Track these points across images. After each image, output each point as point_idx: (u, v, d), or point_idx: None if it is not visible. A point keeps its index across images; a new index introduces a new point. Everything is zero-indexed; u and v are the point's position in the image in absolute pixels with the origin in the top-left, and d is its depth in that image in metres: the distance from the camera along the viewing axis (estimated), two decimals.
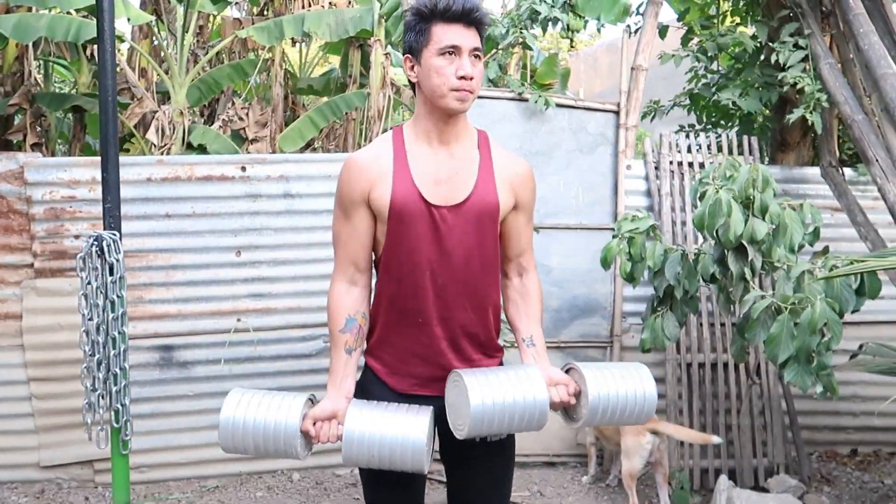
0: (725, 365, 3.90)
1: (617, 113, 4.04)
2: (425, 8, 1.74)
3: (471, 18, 1.74)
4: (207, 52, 5.77)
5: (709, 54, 4.22)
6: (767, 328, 2.78)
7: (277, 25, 5.17)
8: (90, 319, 2.16)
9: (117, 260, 2.15)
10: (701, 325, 3.92)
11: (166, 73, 5.50)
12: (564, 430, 4.10)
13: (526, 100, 3.93)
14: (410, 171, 1.80)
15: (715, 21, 4.65)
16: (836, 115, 4.27)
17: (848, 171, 4.21)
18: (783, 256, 3.02)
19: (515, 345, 1.96)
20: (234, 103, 5.98)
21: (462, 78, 1.72)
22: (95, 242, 2.14)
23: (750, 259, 2.97)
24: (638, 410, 1.82)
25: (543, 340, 1.97)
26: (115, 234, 2.18)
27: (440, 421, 1.89)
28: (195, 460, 3.79)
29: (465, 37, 1.73)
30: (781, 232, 2.95)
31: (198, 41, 6.11)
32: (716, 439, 3.31)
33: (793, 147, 4.65)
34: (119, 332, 2.16)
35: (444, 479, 2.09)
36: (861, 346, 3.55)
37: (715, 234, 2.96)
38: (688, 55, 4.27)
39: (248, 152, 5.74)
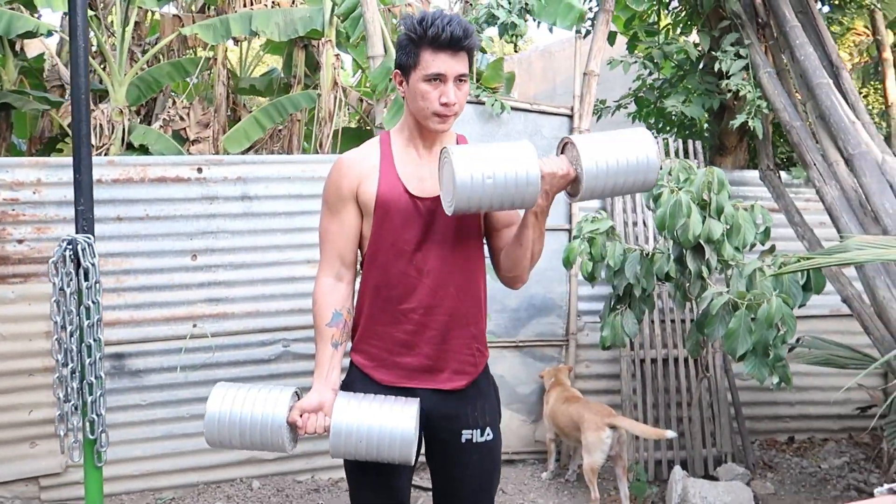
0: (676, 360, 4.06)
1: (571, 117, 4.15)
2: (414, 33, 1.79)
3: (459, 47, 1.77)
4: (146, 50, 5.57)
5: (655, 61, 4.38)
6: (726, 323, 2.92)
7: (224, 23, 5.05)
8: (63, 327, 2.06)
9: (93, 264, 2.07)
10: (652, 322, 4.06)
11: (103, 68, 5.28)
12: (523, 428, 4.18)
13: (483, 103, 3.98)
14: (396, 170, 1.88)
15: (657, 29, 4.83)
16: (772, 120, 4.53)
17: (783, 175, 4.46)
18: (734, 255, 3.18)
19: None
20: (174, 102, 5.80)
21: (445, 104, 1.78)
22: (69, 246, 2.06)
23: (706, 258, 3.11)
24: (642, 178, 1.72)
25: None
26: (89, 238, 2.10)
27: (426, 422, 1.92)
28: (149, 472, 3.66)
29: (452, 65, 1.77)
30: (735, 231, 3.10)
31: (134, 38, 5.89)
32: (670, 434, 3.44)
33: (730, 151, 4.89)
34: (94, 340, 2.08)
35: (430, 486, 2.10)
36: (798, 340, 3.77)
37: (674, 234, 3.08)
38: (636, 62, 4.42)
39: (191, 153, 5.59)
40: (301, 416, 1.80)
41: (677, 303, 3.39)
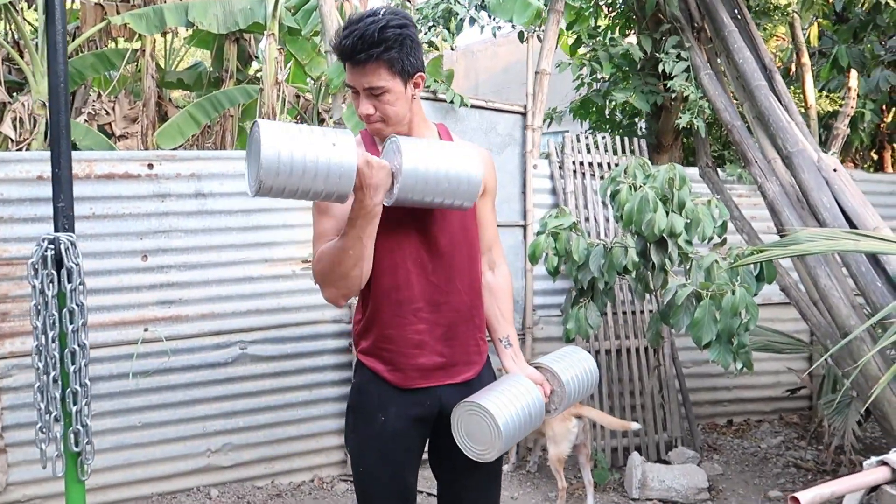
0: (628, 350, 4.20)
1: (524, 114, 4.21)
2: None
3: (355, 60, 1.70)
4: (73, 39, 5.24)
5: (601, 63, 4.52)
6: (691, 313, 3.05)
7: (157, 13, 4.82)
8: (43, 333, 1.92)
9: (76, 264, 1.93)
10: (605, 314, 4.19)
11: (23, 59, 4.92)
12: None
13: (441, 100, 3.99)
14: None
15: (600, 31, 4.98)
16: (706, 119, 4.75)
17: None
18: (690, 248, 3.33)
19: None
20: (100, 95, 5.47)
21: (363, 116, 1.76)
22: (50, 246, 1.92)
23: (669, 251, 3.24)
24: (591, 386, 2.03)
25: (517, 338, 2.06)
26: (71, 236, 1.96)
27: (439, 418, 1.92)
28: (98, 486, 3.45)
29: (357, 78, 1.72)
30: (694, 225, 3.25)
31: None
32: (635, 426, 3.57)
33: (666, 149, 5.10)
34: (79, 346, 1.94)
35: (435, 493, 2.10)
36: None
37: (639, 228, 3.19)
38: (584, 65, 4.54)
39: (115, 149, 5.30)
40: (367, 163, 1.64)
41: (638, 295, 3.51)
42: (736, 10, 4.31)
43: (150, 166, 3.47)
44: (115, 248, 3.45)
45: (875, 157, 6.64)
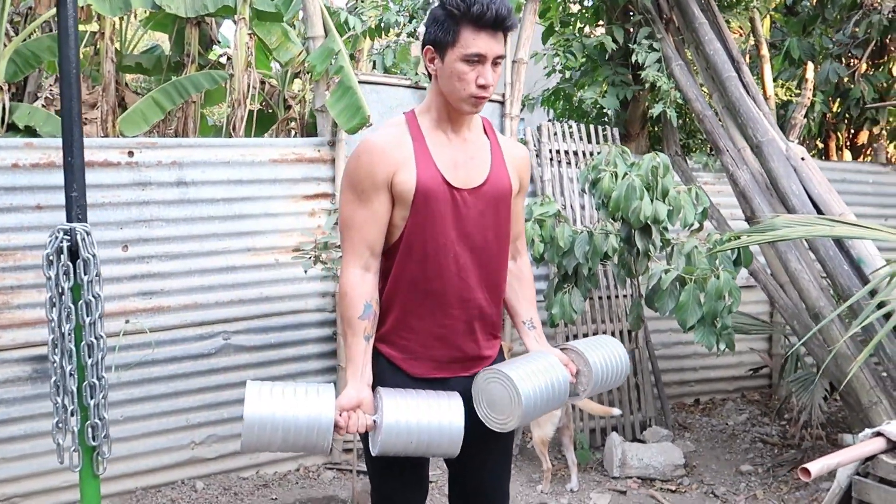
0: (604, 334, 4.31)
1: (502, 103, 4.26)
2: (456, 9, 1.72)
3: (503, 27, 1.75)
4: (28, 21, 5.00)
5: (575, 53, 4.60)
6: (675, 297, 3.16)
7: None
8: (58, 326, 1.88)
9: (93, 255, 1.89)
10: (589, 299, 4.28)
11: None
12: None
13: (422, 88, 4.00)
14: (432, 156, 1.83)
15: (572, 20, 5.06)
16: (675, 109, 4.89)
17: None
18: (671, 234, 3.45)
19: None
20: (57, 79, 5.26)
21: (482, 86, 1.75)
22: (66, 237, 1.87)
23: (652, 237, 3.34)
24: (621, 371, 2.04)
25: (540, 322, 2.10)
26: (86, 226, 1.92)
27: None
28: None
29: (492, 45, 1.74)
30: (676, 212, 3.36)
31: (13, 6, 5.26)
32: (615, 411, 3.68)
33: (634, 138, 5.23)
34: (96, 338, 1.90)
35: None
36: None
37: (626, 215, 3.29)
38: (557, 54, 4.60)
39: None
40: (341, 415, 1.75)
41: (620, 280, 3.62)
42: (704, 3, 4.44)
43: (131, 154, 3.38)
44: (95, 238, 3.32)
45: (821, 145, 6.96)
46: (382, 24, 4.25)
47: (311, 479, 3.76)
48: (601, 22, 5.10)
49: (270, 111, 6.11)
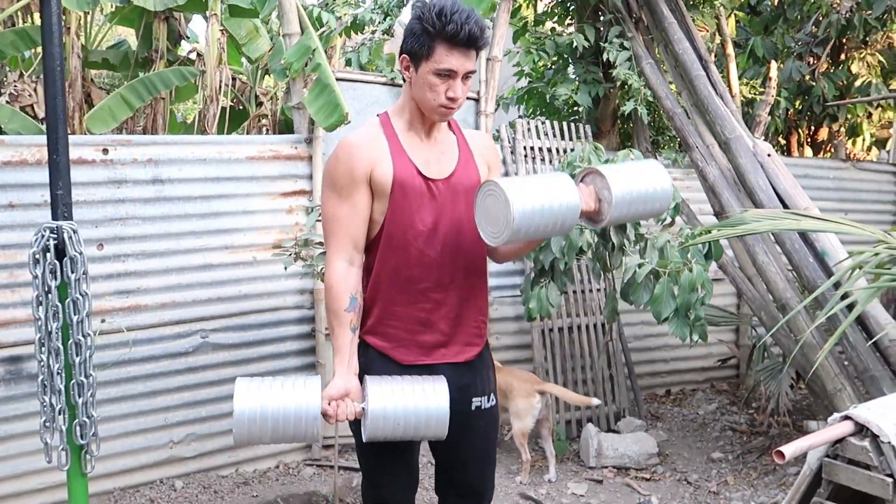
0: (578, 327, 4.40)
1: (477, 101, 4.30)
2: (432, 26, 1.80)
3: (475, 46, 1.83)
4: None
5: (546, 51, 4.66)
6: (650, 290, 3.25)
7: None
8: (45, 324, 1.87)
9: (80, 253, 1.89)
10: (564, 293, 4.35)
11: None
12: None
13: (398, 85, 4.02)
14: (406, 152, 1.93)
15: (544, 19, 5.12)
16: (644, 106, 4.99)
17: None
18: (643, 229, 3.53)
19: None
20: (22, 75, 5.15)
21: (451, 98, 1.85)
22: (52, 235, 1.86)
23: (627, 232, 3.42)
24: (657, 201, 1.86)
25: None
26: (73, 225, 1.91)
27: None
28: (56, 483, 3.33)
29: (464, 62, 1.83)
30: None
31: None
32: (595, 401, 3.76)
33: (604, 134, 5.32)
34: (84, 336, 1.90)
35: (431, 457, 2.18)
36: None
37: None
38: (529, 52, 4.66)
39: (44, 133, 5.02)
40: (329, 404, 1.81)
41: (595, 274, 3.69)
42: (672, 3, 4.54)
43: (105, 151, 3.35)
44: None
45: (783, 142, 7.15)
46: (357, 21, 4.26)
47: (291, 476, 3.77)
48: (572, 20, 5.17)
49: (241, 108, 6.07)
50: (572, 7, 5.07)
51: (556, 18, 5.33)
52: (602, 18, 4.74)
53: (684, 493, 3.62)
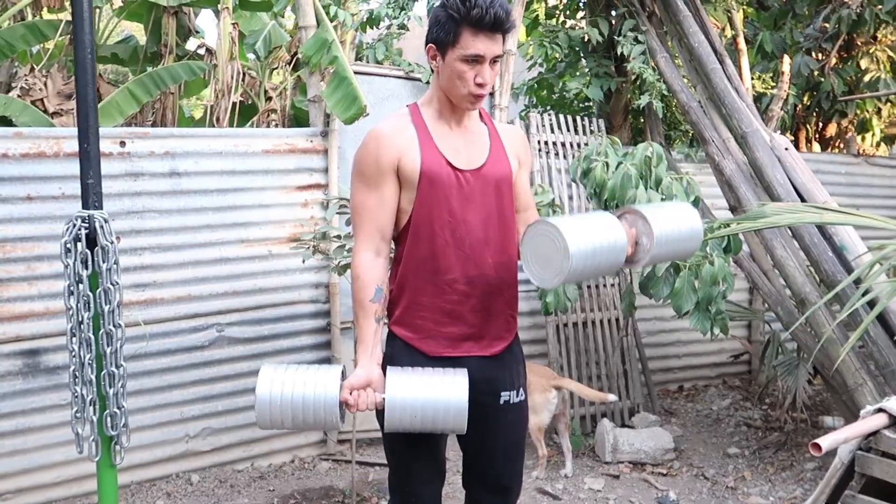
0: (593, 323, 4.39)
1: (492, 94, 4.28)
2: (457, 12, 1.78)
3: (502, 29, 1.81)
4: (0, 10, 4.86)
5: (560, 45, 4.64)
6: (670, 284, 3.23)
7: None
8: (76, 314, 1.85)
9: (111, 242, 1.87)
10: (581, 287, 4.34)
11: None
12: None
13: (415, 79, 4.01)
14: (434, 142, 1.91)
15: (557, 12, 5.11)
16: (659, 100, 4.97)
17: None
18: None
19: None
20: (32, 69, 5.12)
21: (480, 84, 1.82)
22: (84, 224, 1.84)
23: None
24: (692, 241, 1.88)
25: None
26: (104, 214, 1.89)
27: (471, 388, 1.97)
28: (73, 477, 3.33)
29: (491, 46, 1.80)
30: (668, 201, 3.42)
31: None
32: (611, 397, 3.74)
33: (616, 129, 5.30)
34: (115, 326, 1.88)
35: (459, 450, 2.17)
36: None
37: (621, 204, 3.34)
38: (542, 45, 4.64)
39: (55, 126, 5.00)
40: (351, 393, 1.80)
41: None
42: None
43: (123, 144, 3.33)
44: None
45: (791, 137, 7.14)
46: (373, 17, 4.24)
47: (306, 471, 3.75)
48: (583, 14, 5.16)
49: (250, 102, 6.04)
50: (583, 1, 5.05)
51: (567, 12, 5.30)
52: (614, 12, 4.72)
53: (702, 489, 3.60)
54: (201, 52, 6.14)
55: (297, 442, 3.86)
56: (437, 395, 1.78)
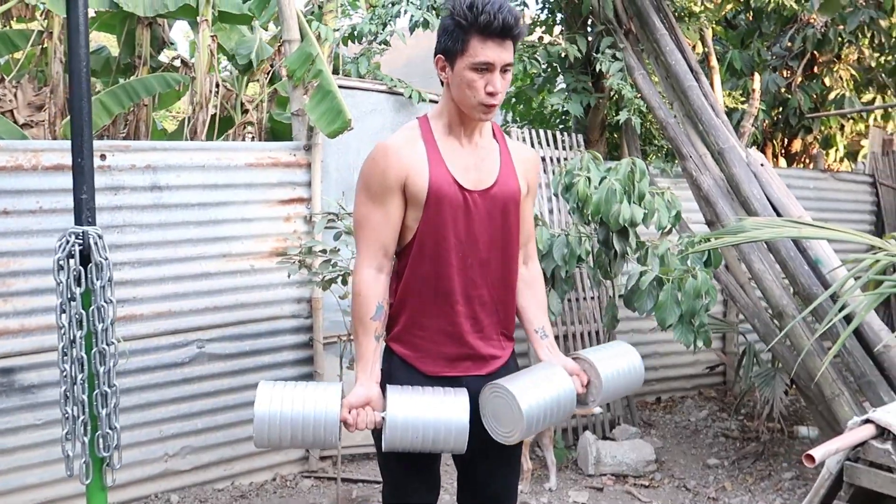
0: (574, 336, 4.42)
1: None
2: (464, 19, 1.77)
3: (510, 35, 1.79)
4: None
5: (539, 60, 4.70)
6: (654, 297, 3.27)
7: None
8: (68, 332, 1.81)
9: (105, 259, 1.83)
10: (565, 300, 4.36)
11: None
12: None
13: (397, 93, 4.01)
14: (443, 159, 1.88)
15: (532, 29, 5.17)
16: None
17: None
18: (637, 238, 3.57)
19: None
20: (2, 80, 5.00)
21: (491, 94, 1.80)
22: (78, 241, 1.80)
23: (629, 239, 3.45)
24: (635, 380, 2.04)
25: (551, 330, 2.14)
26: (98, 230, 1.85)
27: None
28: (49, 500, 3.22)
29: (500, 53, 1.78)
30: (650, 215, 3.48)
31: None
32: (597, 410, 3.76)
33: (592, 144, 5.36)
34: (108, 344, 1.84)
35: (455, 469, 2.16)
36: None
37: (606, 218, 3.38)
38: (521, 60, 4.69)
39: (27, 138, 4.89)
40: (350, 412, 1.79)
41: (595, 282, 3.71)
42: (662, 15, 4.62)
43: (103, 157, 3.26)
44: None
45: (759, 153, 7.31)
46: (356, 32, 4.25)
47: (288, 489, 3.70)
48: (560, 30, 5.23)
49: (226, 115, 5.99)
50: (560, 17, 5.12)
51: (543, 28, 5.37)
52: (592, 29, 4.79)
53: (684, 500, 3.64)
54: (176, 63, 6.08)
55: (278, 459, 3.80)
56: (437, 415, 1.78)
